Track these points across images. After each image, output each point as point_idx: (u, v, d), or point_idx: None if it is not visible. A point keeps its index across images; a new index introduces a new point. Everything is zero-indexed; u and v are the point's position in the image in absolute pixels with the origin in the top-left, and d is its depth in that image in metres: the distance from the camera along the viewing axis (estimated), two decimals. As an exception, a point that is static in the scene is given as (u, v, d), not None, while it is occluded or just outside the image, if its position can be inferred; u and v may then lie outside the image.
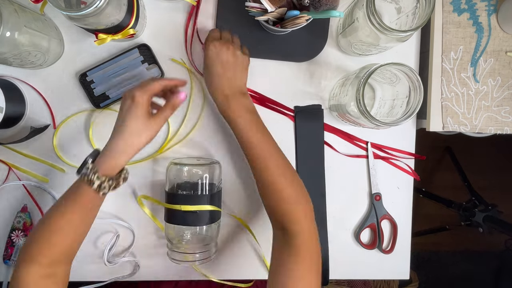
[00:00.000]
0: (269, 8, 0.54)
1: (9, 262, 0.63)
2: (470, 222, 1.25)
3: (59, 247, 0.49)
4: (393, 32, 0.51)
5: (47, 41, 0.58)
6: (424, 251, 1.62)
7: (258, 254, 0.68)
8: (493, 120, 0.67)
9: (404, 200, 0.70)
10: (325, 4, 0.54)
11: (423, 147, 0.73)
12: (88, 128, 0.65)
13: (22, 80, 0.64)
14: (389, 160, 0.69)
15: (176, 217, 0.59)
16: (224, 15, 0.65)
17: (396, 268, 0.70)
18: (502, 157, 1.57)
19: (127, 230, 0.67)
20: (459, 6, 0.66)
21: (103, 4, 0.47)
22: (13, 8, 0.50)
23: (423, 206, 1.49)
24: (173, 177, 0.61)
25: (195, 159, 0.65)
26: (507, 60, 0.66)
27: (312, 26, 0.60)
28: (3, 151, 0.65)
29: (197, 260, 0.59)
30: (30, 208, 0.65)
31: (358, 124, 0.60)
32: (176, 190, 0.60)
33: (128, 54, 0.64)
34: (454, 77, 0.66)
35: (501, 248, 1.59)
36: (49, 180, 0.66)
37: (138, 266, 0.67)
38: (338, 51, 0.68)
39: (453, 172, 1.51)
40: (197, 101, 0.67)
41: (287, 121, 0.68)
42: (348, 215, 0.70)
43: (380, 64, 0.52)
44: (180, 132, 0.67)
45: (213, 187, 0.61)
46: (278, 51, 0.66)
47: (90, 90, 0.64)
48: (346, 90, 0.58)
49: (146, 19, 0.65)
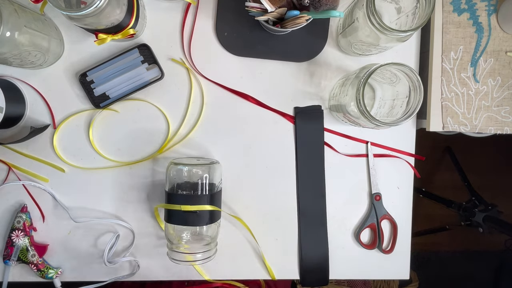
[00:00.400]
0: (269, 8, 0.54)
1: (9, 262, 0.63)
2: (470, 222, 1.25)
3: None
4: (393, 32, 0.51)
5: (47, 41, 0.58)
6: (424, 251, 1.62)
7: (258, 254, 0.68)
8: (493, 120, 0.67)
9: (404, 200, 0.70)
10: (325, 4, 0.54)
11: (423, 147, 0.73)
12: (88, 128, 0.65)
13: (22, 80, 0.64)
14: (389, 156, 0.69)
15: (176, 217, 0.59)
16: (224, 15, 0.65)
17: (396, 268, 0.71)
18: (502, 157, 1.57)
19: (127, 230, 0.67)
20: (459, 6, 0.66)
21: (103, 4, 0.47)
22: (13, 8, 0.50)
23: (423, 206, 1.49)
24: (173, 177, 0.61)
25: (195, 159, 0.65)
26: (507, 60, 0.66)
27: (312, 26, 0.60)
28: (3, 151, 0.65)
29: (197, 260, 0.59)
30: (30, 208, 0.65)
31: (358, 124, 0.60)
32: (176, 190, 0.60)
33: (128, 54, 0.64)
34: (454, 77, 0.66)
35: (501, 248, 1.59)
36: (49, 180, 0.66)
37: (138, 266, 0.67)
38: (338, 51, 0.68)
39: (453, 172, 1.51)
40: (197, 101, 0.67)
41: (287, 122, 0.68)
42: (348, 215, 0.70)
43: (380, 64, 0.52)
44: (180, 132, 0.67)
45: (213, 187, 0.61)
46: (278, 51, 0.66)
47: (90, 90, 0.64)
48: (346, 90, 0.58)
49: (146, 19, 0.65)
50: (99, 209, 0.66)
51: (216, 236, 0.63)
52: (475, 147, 1.55)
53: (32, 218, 0.65)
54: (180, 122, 0.67)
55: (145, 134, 0.66)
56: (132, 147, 0.66)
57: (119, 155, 0.66)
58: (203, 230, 0.61)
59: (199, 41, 0.66)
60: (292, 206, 0.68)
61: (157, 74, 0.65)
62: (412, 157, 0.70)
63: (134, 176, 0.66)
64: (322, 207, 0.68)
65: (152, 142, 0.67)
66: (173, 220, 0.60)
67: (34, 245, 0.64)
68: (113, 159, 0.66)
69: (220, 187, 0.63)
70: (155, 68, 0.65)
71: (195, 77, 0.67)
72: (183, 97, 0.67)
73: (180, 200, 0.59)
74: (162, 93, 0.66)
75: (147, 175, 0.67)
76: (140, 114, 0.66)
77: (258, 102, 0.67)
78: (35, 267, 0.63)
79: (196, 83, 0.67)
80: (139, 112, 0.66)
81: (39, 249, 0.64)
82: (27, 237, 0.63)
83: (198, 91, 0.67)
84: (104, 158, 0.66)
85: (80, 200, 0.66)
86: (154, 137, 0.67)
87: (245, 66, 0.67)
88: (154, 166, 0.67)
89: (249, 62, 0.67)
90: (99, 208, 0.66)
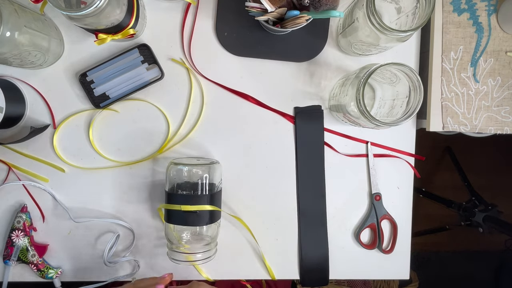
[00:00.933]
0: (269, 8, 0.54)
1: (9, 262, 0.63)
2: (470, 222, 1.25)
3: None
4: (393, 32, 0.51)
5: (47, 41, 0.58)
6: (424, 251, 1.62)
7: (258, 254, 0.68)
8: (493, 120, 0.67)
9: (404, 200, 0.70)
10: (325, 4, 0.54)
11: (423, 147, 0.73)
12: (88, 128, 0.65)
13: (22, 80, 0.64)
14: (389, 156, 0.69)
15: (176, 217, 0.59)
16: (224, 15, 0.65)
17: (396, 268, 0.71)
18: (502, 157, 1.57)
19: (127, 230, 0.67)
20: (459, 6, 0.66)
21: (103, 4, 0.47)
22: (13, 8, 0.50)
23: (423, 206, 1.49)
24: (173, 177, 0.61)
25: (195, 159, 0.65)
26: (507, 60, 0.66)
27: (312, 26, 0.60)
28: (3, 151, 0.65)
29: (197, 260, 0.59)
30: (30, 208, 0.65)
31: (358, 124, 0.60)
32: (176, 190, 0.60)
33: (128, 54, 0.64)
34: (454, 77, 0.66)
35: (501, 248, 1.59)
36: (49, 180, 0.66)
37: (138, 266, 0.67)
38: (338, 51, 0.68)
39: (453, 172, 1.51)
40: (197, 101, 0.67)
41: (287, 122, 0.68)
42: (348, 215, 0.70)
43: (380, 64, 0.52)
44: (180, 132, 0.67)
45: (213, 187, 0.61)
46: (278, 51, 0.66)
47: (90, 90, 0.64)
48: (346, 90, 0.58)
49: (146, 19, 0.65)
50: (99, 209, 0.66)
51: (216, 236, 0.63)
52: (475, 147, 1.55)
53: (32, 218, 0.65)
54: (180, 122, 0.67)
55: (145, 134, 0.66)
56: (132, 147, 0.66)
57: (119, 155, 0.66)
58: (203, 230, 0.61)
59: (199, 41, 0.66)
60: (292, 206, 0.68)
61: (157, 74, 0.65)
62: (412, 157, 0.70)
63: (134, 176, 0.66)
64: (322, 207, 0.68)
65: (152, 142, 0.67)
66: (173, 220, 0.60)
67: (34, 245, 0.64)
68: (113, 159, 0.66)
69: (220, 187, 0.64)
70: (155, 68, 0.65)
71: (195, 77, 0.67)
72: (183, 97, 0.67)
73: (180, 200, 0.59)
74: (162, 93, 0.66)
75: (147, 175, 0.67)
76: (140, 114, 0.66)
77: (258, 102, 0.67)
78: (35, 267, 0.63)
79: (196, 83, 0.67)
80: (139, 112, 0.66)
81: (39, 249, 0.64)
82: (27, 237, 0.63)
83: (198, 91, 0.67)
84: (104, 158, 0.66)
85: (80, 200, 0.66)
86: (154, 137, 0.67)
87: (245, 66, 0.67)
88: (154, 166, 0.67)
89: (249, 62, 0.67)
90: (99, 208, 0.66)
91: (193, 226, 0.60)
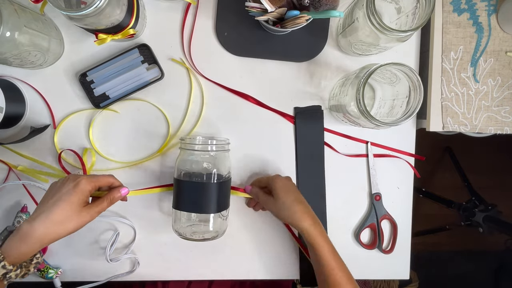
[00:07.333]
0: (269, 8, 0.54)
1: (9, 262, 0.63)
2: (470, 222, 1.25)
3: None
4: (393, 32, 0.51)
5: (47, 41, 0.58)
6: (424, 251, 1.62)
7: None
8: (493, 120, 0.67)
9: (404, 200, 0.70)
10: (325, 4, 0.54)
11: (423, 147, 0.73)
12: (88, 128, 0.65)
13: (22, 80, 0.64)
14: (389, 156, 0.69)
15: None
16: (224, 15, 0.65)
17: (396, 268, 0.71)
18: (502, 157, 1.57)
19: (128, 228, 0.67)
20: (459, 6, 0.66)
21: (103, 4, 0.47)
22: (13, 8, 0.50)
23: (423, 206, 1.49)
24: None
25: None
26: (507, 60, 0.66)
27: (312, 26, 0.60)
28: (3, 151, 0.65)
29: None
30: (30, 208, 0.65)
31: (358, 124, 0.60)
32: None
33: (128, 54, 0.64)
34: (454, 77, 0.66)
35: (501, 248, 1.59)
36: (49, 180, 0.66)
37: (138, 264, 0.66)
38: (338, 51, 0.68)
39: (453, 172, 1.51)
40: (197, 101, 0.67)
41: (287, 122, 0.68)
42: (348, 215, 0.70)
43: (380, 64, 0.52)
44: (180, 132, 0.67)
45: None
46: (278, 51, 0.66)
47: (90, 90, 0.64)
48: (346, 90, 0.58)
49: (146, 19, 0.65)
50: (99, 209, 0.66)
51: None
52: (475, 147, 1.55)
53: (32, 218, 0.65)
54: (180, 122, 0.67)
55: (145, 134, 0.66)
56: (132, 147, 0.66)
57: (119, 155, 0.66)
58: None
59: (199, 41, 0.66)
60: (292, 206, 0.68)
61: (157, 74, 0.65)
62: (412, 157, 0.70)
63: (134, 176, 0.66)
64: (322, 207, 0.68)
65: (152, 142, 0.67)
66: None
67: (34, 245, 0.64)
68: (113, 159, 0.66)
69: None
70: (155, 68, 0.65)
71: (195, 77, 0.67)
72: (183, 97, 0.67)
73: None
74: (162, 93, 0.66)
75: (147, 175, 0.67)
76: (140, 114, 0.66)
77: (258, 102, 0.67)
78: (35, 267, 0.63)
79: (196, 83, 0.67)
80: (139, 112, 0.66)
81: (39, 249, 0.64)
82: (27, 237, 0.63)
83: (198, 91, 0.67)
84: (104, 158, 0.66)
85: (80, 200, 0.66)
86: (154, 137, 0.67)
87: (245, 66, 0.67)
88: (154, 166, 0.67)
89: (249, 62, 0.67)
90: (99, 208, 0.66)
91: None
